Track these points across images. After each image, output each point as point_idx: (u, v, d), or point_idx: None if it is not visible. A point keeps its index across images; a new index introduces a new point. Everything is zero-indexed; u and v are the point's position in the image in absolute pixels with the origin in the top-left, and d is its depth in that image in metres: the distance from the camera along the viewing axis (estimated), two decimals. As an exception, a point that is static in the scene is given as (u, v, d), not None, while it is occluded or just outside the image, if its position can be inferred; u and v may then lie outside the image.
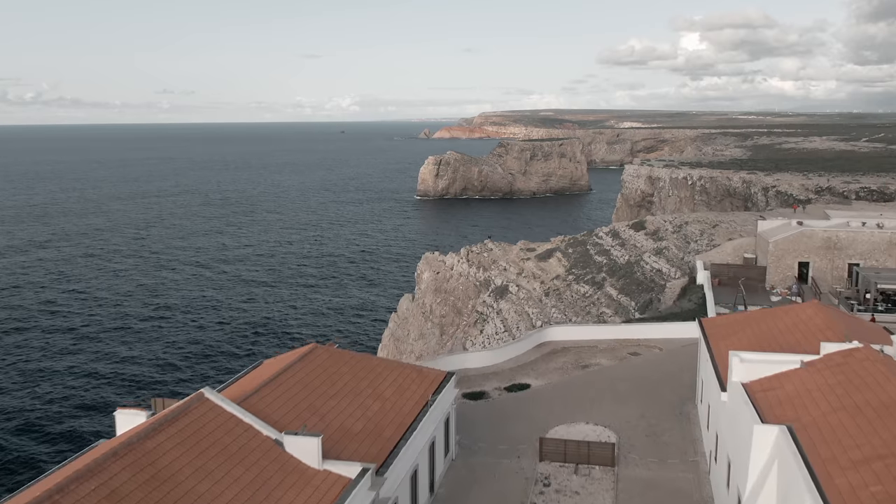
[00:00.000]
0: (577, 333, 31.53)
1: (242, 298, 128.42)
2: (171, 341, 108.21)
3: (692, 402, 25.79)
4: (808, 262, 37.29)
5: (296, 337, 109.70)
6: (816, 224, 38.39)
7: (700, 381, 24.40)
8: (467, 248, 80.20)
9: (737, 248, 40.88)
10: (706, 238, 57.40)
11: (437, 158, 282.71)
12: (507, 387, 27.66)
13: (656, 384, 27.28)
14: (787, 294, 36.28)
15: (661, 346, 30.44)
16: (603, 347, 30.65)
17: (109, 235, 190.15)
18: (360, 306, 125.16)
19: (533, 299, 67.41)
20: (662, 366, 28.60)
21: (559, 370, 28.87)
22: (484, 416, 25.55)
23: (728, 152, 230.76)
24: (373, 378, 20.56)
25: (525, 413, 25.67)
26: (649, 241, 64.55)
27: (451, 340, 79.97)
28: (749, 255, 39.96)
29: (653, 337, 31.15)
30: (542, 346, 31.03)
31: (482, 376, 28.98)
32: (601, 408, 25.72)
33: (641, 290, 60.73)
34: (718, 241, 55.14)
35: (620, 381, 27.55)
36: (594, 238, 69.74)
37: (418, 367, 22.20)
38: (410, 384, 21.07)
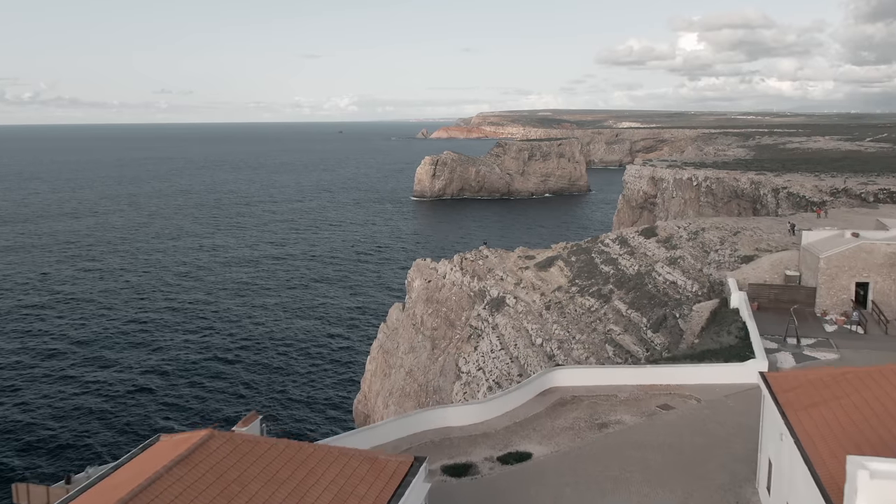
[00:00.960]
0: (591, 377, 24.53)
1: (225, 307, 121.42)
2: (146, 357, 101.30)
3: (751, 486, 18.88)
4: (867, 282, 30.45)
5: (281, 351, 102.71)
6: (877, 236, 31.43)
7: (766, 461, 17.54)
8: (461, 255, 73.21)
9: (775, 264, 33.85)
10: (728, 247, 50.36)
11: (434, 158, 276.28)
12: (502, 456, 20.63)
13: (699, 455, 20.32)
14: (844, 322, 29.39)
15: (699, 396, 23.55)
16: (624, 397, 23.74)
17: (90, 236, 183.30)
18: (350, 315, 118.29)
19: (532, 313, 60.44)
20: (705, 426, 21.65)
21: (569, 430, 21.88)
22: (469, 502, 18.66)
23: (731, 152, 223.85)
24: (298, 482, 13.60)
25: (525, 498, 18.77)
26: (661, 249, 57.55)
27: (442, 355, 72.98)
28: (792, 273, 32.97)
29: (686, 382, 24.21)
30: (547, 393, 24.06)
31: (469, 438, 21.94)
32: (628, 492, 18.77)
33: (654, 305, 53.76)
34: (743, 250, 48.10)
35: (651, 449, 20.57)
36: (599, 245, 62.76)
37: (371, 456, 15.09)
38: (358, 485, 14.09)
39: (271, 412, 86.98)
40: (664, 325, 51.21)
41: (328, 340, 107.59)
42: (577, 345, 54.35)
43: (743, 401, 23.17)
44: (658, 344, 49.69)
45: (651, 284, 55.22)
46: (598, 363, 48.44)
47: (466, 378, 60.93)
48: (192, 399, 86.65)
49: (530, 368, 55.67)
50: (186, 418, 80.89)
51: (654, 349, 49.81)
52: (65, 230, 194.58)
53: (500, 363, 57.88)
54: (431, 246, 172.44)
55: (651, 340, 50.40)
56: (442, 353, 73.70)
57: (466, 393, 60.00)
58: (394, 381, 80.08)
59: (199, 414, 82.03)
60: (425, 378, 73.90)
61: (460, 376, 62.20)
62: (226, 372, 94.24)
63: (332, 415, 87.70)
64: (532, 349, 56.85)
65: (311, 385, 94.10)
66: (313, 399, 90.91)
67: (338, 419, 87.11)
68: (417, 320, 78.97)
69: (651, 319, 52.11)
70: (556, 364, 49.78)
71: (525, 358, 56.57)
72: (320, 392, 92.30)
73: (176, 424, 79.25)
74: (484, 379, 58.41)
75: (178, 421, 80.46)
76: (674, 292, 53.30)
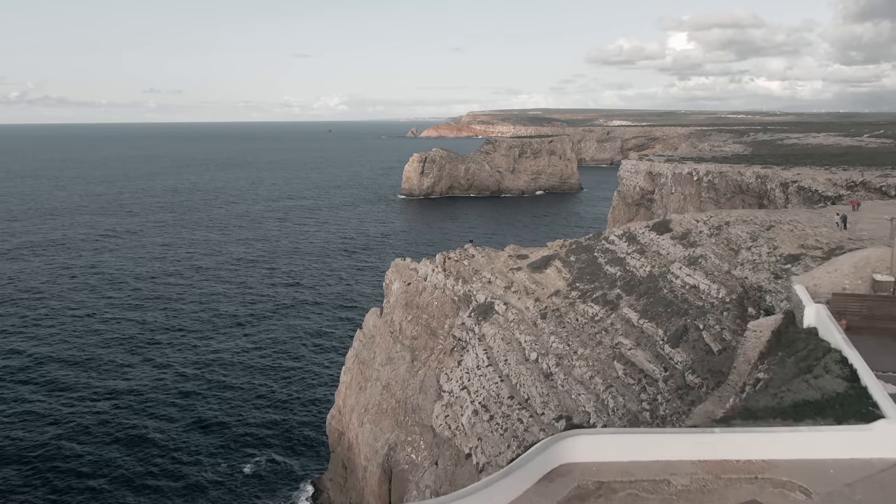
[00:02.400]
0: (625, 448, 15.23)
1: (195, 313, 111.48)
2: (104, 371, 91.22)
3: None
4: None
5: (252, 357, 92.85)
6: None
7: None
8: (443, 255, 63.65)
9: (859, 266, 24.44)
10: (763, 244, 40.98)
11: (423, 156, 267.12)
12: None
13: None
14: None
15: (805, 484, 14.36)
16: (682, 484, 14.46)
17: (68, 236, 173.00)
18: (329, 321, 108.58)
19: (525, 322, 50.92)
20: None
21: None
22: None
23: (727, 148, 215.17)
24: None
25: None
26: (678, 247, 48.13)
27: (423, 368, 63.37)
28: (884, 278, 23.74)
29: (779, 458, 15.02)
30: (556, 477, 14.75)
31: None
32: None
33: (671, 314, 44.37)
34: (785, 248, 38.74)
35: None
36: (603, 242, 53.28)
37: None
38: None
39: (236, 421, 77.28)
40: (685, 338, 41.84)
41: (303, 347, 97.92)
42: (580, 361, 44.90)
43: (879, 491, 13.90)
44: (679, 362, 40.31)
45: (667, 289, 45.85)
46: (629, 424, 38.11)
47: (448, 398, 51.36)
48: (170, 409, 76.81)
49: (523, 389, 46.20)
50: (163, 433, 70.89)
51: (673, 368, 40.42)
52: (39, 230, 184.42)
53: (487, 382, 48.34)
54: (418, 245, 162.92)
55: (669, 357, 41.02)
56: (423, 365, 64.13)
57: (448, 416, 50.46)
58: (369, 395, 70.49)
59: (179, 423, 72.13)
60: (404, 394, 64.32)
61: (441, 395, 52.61)
62: (191, 375, 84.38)
63: (306, 434, 78.31)
64: (525, 366, 47.38)
65: (284, 393, 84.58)
66: (285, 407, 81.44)
67: (310, 438, 77.65)
68: (395, 328, 69.41)
69: (668, 331, 42.73)
70: (567, 425, 39.68)
71: (517, 376, 47.07)
72: (294, 402, 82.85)
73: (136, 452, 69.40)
74: (468, 400, 48.86)
75: (140, 450, 70.52)
76: (695, 298, 43.96)
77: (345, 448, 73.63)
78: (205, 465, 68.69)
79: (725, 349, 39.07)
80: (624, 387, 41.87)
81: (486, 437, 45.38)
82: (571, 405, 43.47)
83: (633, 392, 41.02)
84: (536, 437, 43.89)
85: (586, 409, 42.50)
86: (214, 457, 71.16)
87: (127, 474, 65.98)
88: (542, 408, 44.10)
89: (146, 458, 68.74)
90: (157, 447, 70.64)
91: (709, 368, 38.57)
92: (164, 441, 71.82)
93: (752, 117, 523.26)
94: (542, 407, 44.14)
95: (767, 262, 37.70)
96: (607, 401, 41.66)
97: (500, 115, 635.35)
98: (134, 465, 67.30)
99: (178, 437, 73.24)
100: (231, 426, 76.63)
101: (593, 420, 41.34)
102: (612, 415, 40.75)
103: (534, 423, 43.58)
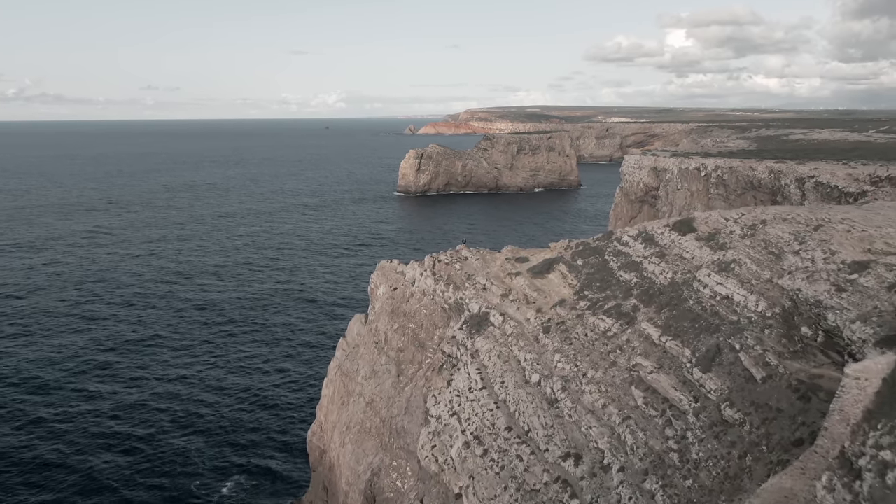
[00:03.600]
0: None
1: (178, 306, 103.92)
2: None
3: None
4: None
5: (229, 369, 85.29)
6: None
7: None
8: (433, 257, 56.09)
9: None
10: (816, 248, 33.44)
11: (419, 152, 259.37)
12: None
13: None
14: None
15: None
16: None
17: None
18: (315, 327, 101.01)
19: (525, 337, 43.39)
20: None
21: None
22: None
23: (730, 144, 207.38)
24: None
25: None
26: (704, 249, 40.59)
27: (410, 385, 55.89)
28: None
29: None
30: None
31: None
32: None
33: (699, 330, 36.85)
34: (846, 253, 31.27)
35: None
36: (615, 244, 45.74)
37: None
38: None
39: (215, 434, 69.75)
40: (718, 360, 34.35)
41: (286, 352, 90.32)
42: (591, 386, 37.38)
43: None
44: (712, 391, 32.81)
45: (693, 300, 38.34)
46: (652, 466, 25.76)
47: (436, 425, 43.83)
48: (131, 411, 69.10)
49: (523, 418, 38.71)
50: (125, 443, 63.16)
51: (706, 398, 32.92)
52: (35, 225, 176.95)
53: (480, 408, 40.82)
54: (413, 244, 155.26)
55: (700, 384, 33.53)
56: (409, 381, 56.66)
57: (435, 447, 42.94)
58: (352, 411, 63.02)
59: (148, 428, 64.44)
60: (389, 412, 56.83)
61: (428, 421, 45.07)
62: (173, 376, 76.77)
63: (288, 449, 70.76)
64: (525, 389, 39.88)
65: (267, 401, 77.19)
66: (267, 420, 74.01)
67: (293, 454, 70.04)
68: (380, 337, 61.90)
69: (697, 351, 35.22)
70: (576, 464, 26.26)
71: (516, 402, 39.57)
72: (277, 413, 75.44)
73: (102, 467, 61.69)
74: (459, 429, 41.33)
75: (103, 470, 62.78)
76: (728, 312, 36.47)
77: (326, 468, 66.18)
78: (179, 484, 61.32)
79: (771, 377, 31.62)
80: (645, 419, 34.42)
81: (479, 476, 37.93)
82: (581, 440, 36.00)
83: (656, 426, 33.58)
84: (539, 478, 36.46)
85: (599, 445, 35.02)
86: (190, 476, 63.82)
87: (90, 491, 58.56)
88: (546, 442, 36.62)
89: (112, 476, 61.27)
90: (127, 464, 63.15)
91: (752, 401, 31.12)
92: (133, 458, 64.33)
93: (751, 114, 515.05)
94: (546, 441, 36.65)
95: (826, 271, 30.24)
96: (624, 436, 34.18)
97: (497, 112, 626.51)
98: (99, 484, 59.84)
99: (151, 453, 65.78)
100: (209, 438, 69.28)
101: (608, 460, 33.93)
102: (632, 454, 33.29)
103: (536, 462, 36.18)
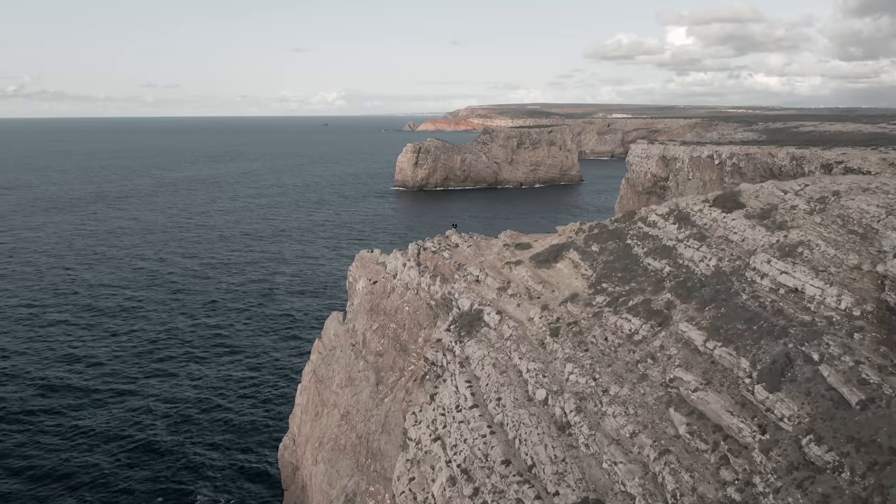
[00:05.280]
0: None
1: (153, 304, 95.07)
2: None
3: None
4: None
5: (201, 373, 76.12)
6: None
7: None
8: (418, 245, 46.83)
9: None
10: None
11: (417, 146, 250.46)
12: None
13: None
14: None
15: None
16: None
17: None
18: (301, 328, 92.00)
19: (528, 340, 34.09)
20: None
21: None
22: None
23: (738, 136, 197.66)
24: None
25: None
26: (759, 229, 31.29)
27: (390, 396, 46.62)
28: None
29: None
30: None
31: None
32: None
33: (758, 334, 27.42)
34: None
35: None
36: (639, 225, 36.46)
37: None
38: None
39: (183, 445, 60.70)
40: (789, 375, 24.95)
41: (262, 354, 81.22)
42: (614, 406, 28.11)
43: None
44: (788, 418, 23.42)
45: (747, 293, 29.05)
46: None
47: (415, 451, 34.52)
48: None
49: (525, 448, 29.42)
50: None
51: (777, 428, 23.53)
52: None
53: (470, 433, 31.49)
54: (407, 241, 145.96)
55: (768, 409, 24.14)
56: (389, 391, 47.38)
57: (414, 480, 33.65)
58: (325, 425, 53.77)
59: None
60: (366, 427, 47.55)
61: (407, 445, 35.74)
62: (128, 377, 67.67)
63: (263, 461, 62.09)
64: (528, 409, 30.59)
65: (241, 407, 68.38)
66: (241, 429, 65.36)
67: (268, 466, 61.16)
68: (358, 339, 52.68)
69: (759, 362, 25.88)
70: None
71: (516, 427, 30.28)
72: (252, 422, 66.70)
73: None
74: (443, 458, 32.00)
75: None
76: (797, 310, 27.17)
77: (298, 487, 56.90)
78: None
79: (873, 400, 22.37)
80: (690, 454, 25.10)
81: (468, 525, 28.81)
82: (603, 480, 26.65)
83: (707, 465, 24.28)
84: (547, 531, 27.28)
85: (627, 488, 25.64)
86: (152, 495, 54.86)
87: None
88: (556, 481, 27.29)
89: (65, 494, 52.28)
90: (82, 482, 54.11)
91: (849, 435, 21.81)
92: (90, 475, 55.29)
93: (753, 111, 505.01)
94: (556, 480, 27.32)
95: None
96: (663, 477, 24.82)
97: (497, 110, 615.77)
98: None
99: (108, 468, 56.73)
100: (175, 451, 60.37)
101: (641, 510, 24.76)
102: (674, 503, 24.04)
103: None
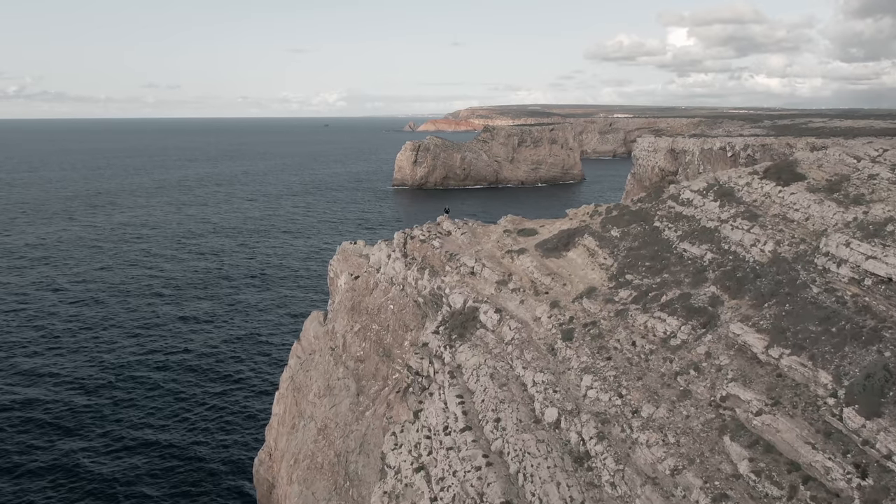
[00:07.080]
0: None
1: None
2: None
3: None
4: None
5: (178, 380, 69.46)
6: None
7: None
8: (405, 233, 40.02)
9: None
10: None
11: (416, 144, 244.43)
12: None
13: None
14: None
15: None
16: None
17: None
18: (288, 329, 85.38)
19: (534, 346, 27.25)
20: None
21: None
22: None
23: (746, 132, 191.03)
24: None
25: None
26: (828, 205, 24.52)
27: (371, 409, 39.79)
28: None
29: None
30: None
31: None
32: None
33: (840, 339, 20.52)
34: None
35: None
36: (669, 203, 29.71)
37: None
38: None
39: (153, 455, 53.99)
40: (891, 395, 18.10)
41: (242, 358, 74.57)
42: (648, 433, 21.26)
43: None
44: (891, 455, 16.59)
45: (818, 285, 22.23)
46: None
47: (394, 482, 27.68)
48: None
49: (531, 485, 22.48)
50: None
51: (880, 469, 16.71)
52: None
53: (461, 463, 24.60)
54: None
55: (865, 441, 17.21)
56: (371, 403, 40.56)
57: (392, 519, 26.78)
58: (301, 439, 46.95)
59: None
60: (344, 445, 40.73)
61: (385, 473, 28.89)
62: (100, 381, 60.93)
63: (239, 474, 55.65)
64: (535, 434, 23.69)
65: (220, 417, 61.88)
66: (216, 440, 58.80)
67: (232, 492, 54.45)
68: (338, 342, 45.93)
69: (844, 376, 19.02)
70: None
71: (519, 456, 23.38)
72: (231, 433, 60.20)
73: None
74: (427, 495, 25.16)
75: None
76: (891, 306, 20.37)
77: (274, 508, 50.24)
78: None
79: None
80: (754, 500, 18.35)
81: (457, 586, 22.09)
82: (636, 533, 19.83)
83: (782, 518, 17.55)
84: None
85: (669, 545, 18.82)
86: None
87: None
88: (572, 532, 20.50)
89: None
90: (38, 493, 47.51)
91: None
92: (47, 484, 48.68)
93: (755, 112, 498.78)
94: (572, 531, 20.52)
95: None
96: (720, 533, 18.02)
97: (498, 110, 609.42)
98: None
99: (72, 478, 50.10)
100: (146, 460, 53.86)
101: (691, 581, 18.02)
102: (737, 573, 17.25)
103: (555, 572, 20.35)
